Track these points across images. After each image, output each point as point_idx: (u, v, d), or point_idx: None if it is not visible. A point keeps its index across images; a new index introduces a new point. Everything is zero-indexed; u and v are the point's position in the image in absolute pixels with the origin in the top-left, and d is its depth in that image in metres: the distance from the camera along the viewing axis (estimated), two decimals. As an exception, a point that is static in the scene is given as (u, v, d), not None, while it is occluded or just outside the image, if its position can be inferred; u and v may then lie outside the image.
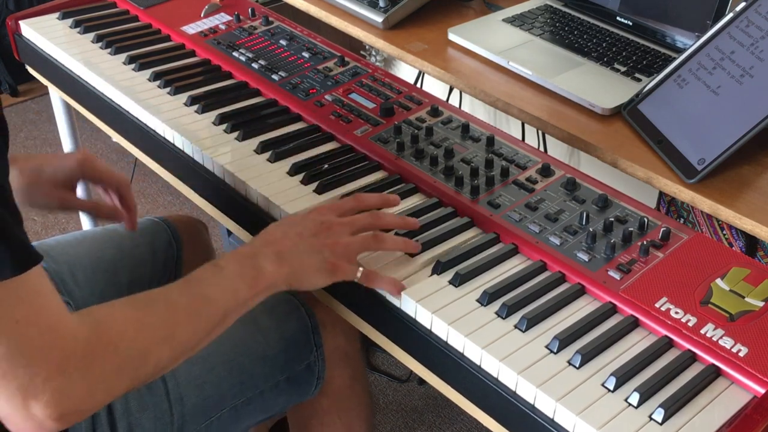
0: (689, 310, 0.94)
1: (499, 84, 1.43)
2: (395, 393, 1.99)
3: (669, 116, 1.26)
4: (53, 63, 1.55)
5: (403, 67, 2.35)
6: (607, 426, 0.83)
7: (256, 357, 1.13)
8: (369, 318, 1.06)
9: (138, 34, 1.60)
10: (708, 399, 0.87)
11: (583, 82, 1.38)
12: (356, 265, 0.99)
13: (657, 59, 1.43)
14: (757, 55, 1.20)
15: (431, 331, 0.96)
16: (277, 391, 1.15)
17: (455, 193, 1.13)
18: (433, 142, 1.23)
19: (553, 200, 1.12)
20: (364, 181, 1.19)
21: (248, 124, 1.31)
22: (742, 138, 1.15)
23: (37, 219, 2.57)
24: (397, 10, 1.58)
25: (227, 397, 1.10)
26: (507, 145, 1.23)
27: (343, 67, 1.45)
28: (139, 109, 1.36)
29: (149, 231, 1.36)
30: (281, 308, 1.18)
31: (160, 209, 2.61)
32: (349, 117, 1.30)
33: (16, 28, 1.65)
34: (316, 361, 1.18)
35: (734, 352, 0.89)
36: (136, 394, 1.03)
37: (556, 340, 0.91)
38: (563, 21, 1.57)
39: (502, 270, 1.03)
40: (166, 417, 1.04)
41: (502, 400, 0.90)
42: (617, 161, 1.23)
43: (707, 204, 1.14)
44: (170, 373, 1.05)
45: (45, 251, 1.24)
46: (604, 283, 0.99)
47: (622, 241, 1.04)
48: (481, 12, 1.67)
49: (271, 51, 1.50)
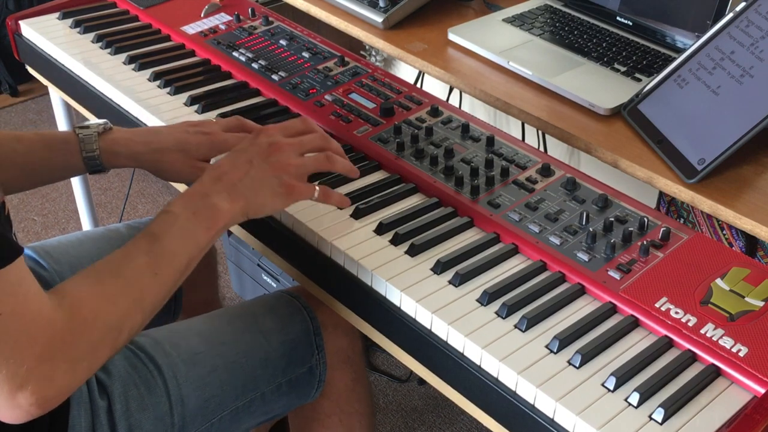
0: (689, 310, 0.94)
1: (499, 84, 1.43)
2: (395, 393, 1.99)
3: (669, 116, 1.26)
4: (53, 63, 1.55)
5: (403, 67, 2.36)
6: (607, 426, 0.83)
7: (257, 359, 1.12)
8: (369, 318, 1.06)
9: (138, 34, 1.60)
10: (708, 399, 0.87)
11: (583, 82, 1.38)
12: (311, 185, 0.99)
13: (657, 59, 1.43)
14: (757, 55, 1.20)
15: (431, 331, 0.96)
16: (279, 393, 1.15)
17: (455, 193, 1.13)
18: (433, 142, 1.23)
19: (553, 200, 1.12)
20: (364, 181, 1.19)
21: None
22: (742, 138, 1.15)
23: (37, 219, 2.57)
24: (397, 10, 1.58)
25: (228, 398, 1.10)
26: (507, 145, 1.23)
27: (343, 67, 1.45)
28: (139, 109, 1.36)
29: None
30: (283, 311, 1.17)
31: (160, 209, 2.61)
32: (349, 117, 1.30)
33: (16, 28, 1.65)
34: (318, 364, 1.17)
35: (734, 352, 0.89)
36: (136, 394, 1.03)
37: (556, 340, 0.91)
38: (563, 21, 1.57)
39: (502, 270, 1.03)
40: (166, 418, 1.04)
41: (502, 400, 0.90)
42: (617, 161, 1.24)
43: (707, 204, 1.14)
44: (171, 374, 1.05)
45: (46, 251, 1.24)
46: (604, 283, 0.99)
47: (622, 241, 1.04)
48: (481, 12, 1.67)
49: (271, 51, 1.50)
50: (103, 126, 1.15)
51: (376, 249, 1.05)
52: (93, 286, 0.85)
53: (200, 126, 1.16)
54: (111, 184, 2.71)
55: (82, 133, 1.13)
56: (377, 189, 1.16)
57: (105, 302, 0.84)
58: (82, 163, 1.14)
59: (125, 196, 2.37)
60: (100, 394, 1.01)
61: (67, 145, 1.14)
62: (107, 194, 2.66)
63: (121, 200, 2.60)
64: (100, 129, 1.14)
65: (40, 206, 2.62)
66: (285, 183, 0.98)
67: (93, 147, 1.13)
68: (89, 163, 1.14)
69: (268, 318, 1.16)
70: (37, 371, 0.77)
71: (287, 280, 1.91)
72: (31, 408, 0.78)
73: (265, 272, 1.99)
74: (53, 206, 2.62)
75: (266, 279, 2.00)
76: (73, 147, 1.13)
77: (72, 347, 0.80)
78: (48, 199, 2.65)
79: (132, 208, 2.61)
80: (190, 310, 1.33)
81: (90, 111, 1.52)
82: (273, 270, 1.96)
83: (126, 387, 1.02)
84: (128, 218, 2.47)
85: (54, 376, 0.78)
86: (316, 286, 1.13)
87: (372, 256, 1.04)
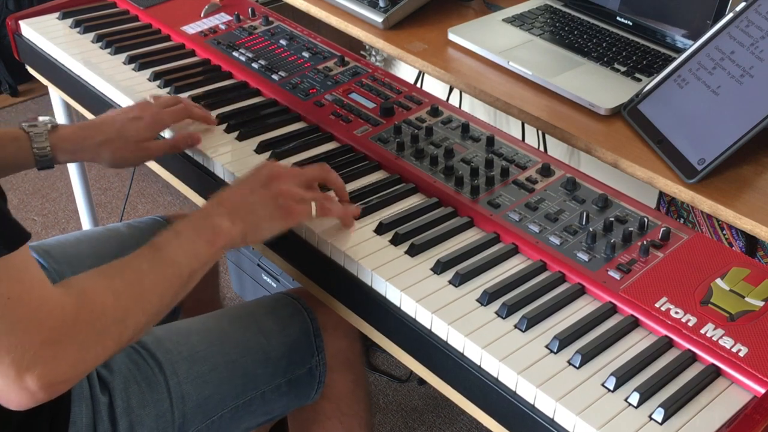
0: (689, 310, 0.94)
1: (499, 84, 1.43)
2: (395, 393, 1.99)
3: (669, 116, 1.26)
4: (53, 63, 1.55)
5: (403, 67, 2.36)
6: (607, 426, 0.83)
7: (258, 358, 1.13)
8: (369, 318, 1.06)
9: (138, 34, 1.60)
10: (708, 399, 0.87)
11: (583, 82, 1.38)
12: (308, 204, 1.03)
13: (657, 59, 1.43)
14: (757, 55, 1.20)
15: (431, 331, 0.96)
16: (279, 393, 1.15)
17: (455, 193, 1.13)
18: (433, 142, 1.23)
19: (553, 200, 1.12)
20: (364, 181, 1.19)
21: (248, 124, 1.31)
22: (742, 138, 1.15)
23: (37, 219, 2.57)
24: (397, 10, 1.58)
25: (228, 397, 1.10)
26: (507, 145, 1.23)
27: (343, 67, 1.45)
28: (139, 109, 1.36)
29: (151, 230, 1.36)
30: (283, 312, 1.18)
31: (161, 209, 2.61)
32: (349, 117, 1.30)
33: (16, 28, 1.65)
34: (318, 365, 1.18)
35: (734, 351, 0.89)
36: (137, 390, 1.03)
37: (556, 340, 0.91)
38: (563, 21, 1.57)
39: (502, 270, 1.03)
40: (167, 415, 1.04)
41: (502, 400, 0.90)
42: (617, 161, 1.24)
43: (707, 204, 1.14)
44: (172, 370, 1.06)
45: (46, 251, 1.24)
46: (604, 283, 0.99)
47: (622, 241, 1.04)
48: (481, 12, 1.67)
49: (271, 51, 1.50)
50: (50, 123, 1.19)
51: (376, 249, 1.05)
52: (99, 280, 0.87)
53: (137, 109, 1.24)
54: (111, 184, 2.71)
55: (33, 130, 1.17)
56: (377, 189, 1.16)
57: (111, 296, 0.85)
58: (32, 159, 1.18)
59: (125, 196, 2.36)
60: (102, 390, 1.01)
61: (18, 143, 1.17)
62: (107, 194, 2.66)
63: (121, 200, 2.60)
64: (49, 126, 1.19)
65: (40, 206, 2.62)
66: (282, 206, 1.01)
67: (44, 144, 1.17)
68: (40, 160, 1.19)
69: (268, 318, 1.16)
70: (44, 355, 0.78)
71: (287, 280, 1.91)
72: (39, 391, 0.78)
73: (265, 272, 1.99)
74: (53, 206, 2.62)
75: (266, 279, 2.00)
76: (24, 144, 1.17)
77: (79, 333, 0.81)
78: (48, 199, 2.65)
79: (132, 208, 2.61)
80: (191, 310, 1.33)
81: (90, 111, 1.53)
82: (273, 270, 1.96)
83: (127, 383, 1.03)
84: (128, 218, 2.47)
85: (61, 360, 0.79)
86: (316, 286, 1.13)
87: (372, 256, 1.04)
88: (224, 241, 0.97)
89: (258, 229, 1.00)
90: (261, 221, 1.00)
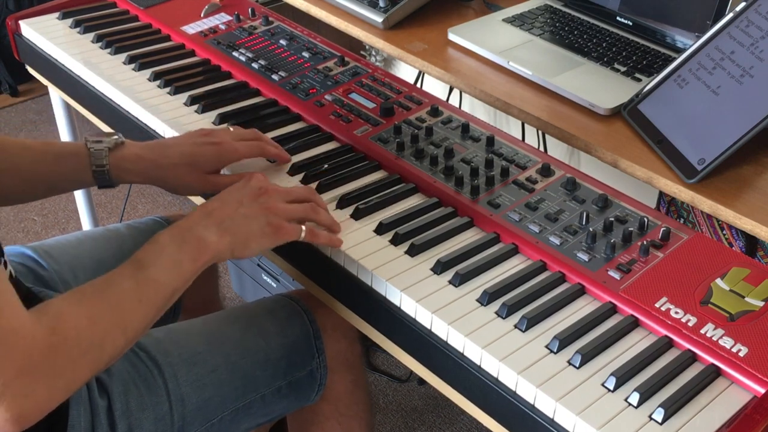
0: (689, 310, 0.94)
1: (499, 84, 1.43)
2: (395, 393, 1.99)
3: (669, 116, 1.26)
4: (53, 63, 1.55)
5: (403, 67, 2.36)
6: (607, 426, 0.83)
7: (257, 361, 1.12)
8: (369, 318, 1.06)
9: (138, 34, 1.60)
10: (708, 399, 0.87)
11: (583, 82, 1.38)
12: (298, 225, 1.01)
13: (657, 59, 1.43)
14: (757, 55, 1.20)
15: (431, 331, 0.96)
16: (279, 395, 1.15)
17: (455, 193, 1.13)
18: (433, 142, 1.23)
19: (553, 200, 1.12)
20: (364, 181, 1.19)
21: (248, 124, 1.31)
22: (742, 138, 1.15)
23: (37, 219, 2.57)
24: (397, 10, 1.58)
25: (228, 399, 1.10)
26: (507, 145, 1.23)
27: (343, 67, 1.45)
28: (139, 109, 1.36)
29: (151, 230, 1.36)
30: (283, 314, 1.17)
31: (161, 209, 2.61)
32: (349, 117, 1.30)
33: (16, 28, 1.65)
34: (318, 367, 1.17)
35: (734, 351, 0.89)
36: (136, 393, 1.03)
37: (556, 340, 0.91)
38: (563, 21, 1.57)
39: (502, 270, 1.03)
40: (166, 418, 1.04)
41: (502, 400, 0.90)
42: (617, 161, 1.24)
43: (707, 204, 1.14)
44: (171, 373, 1.05)
45: (45, 251, 1.24)
46: (604, 283, 0.99)
47: (622, 241, 1.04)
48: (481, 12, 1.67)
49: (271, 51, 1.50)
50: (114, 141, 1.13)
51: (376, 249, 1.05)
52: (75, 306, 0.84)
53: (211, 135, 1.15)
54: (111, 184, 2.71)
55: (94, 147, 1.12)
56: (377, 189, 1.16)
57: (87, 321, 0.83)
58: (91, 177, 1.13)
59: (125, 196, 2.36)
60: (100, 393, 1.01)
61: (77, 158, 1.12)
62: (107, 194, 2.66)
63: (121, 200, 2.60)
64: (112, 144, 1.13)
65: (40, 206, 2.62)
66: (272, 223, 0.99)
67: (103, 162, 1.12)
68: (98, 178, 1.13)
69: (267, 320, 1.16)
70: (13, 386, 0.74)
71: (287, 280, 1.91)
72: (6, 424, 0.75)
73: (265, 272, 1.99)
74: (53, 206, 2.62)
75: (266, 279, 2.00)
76: (83, 160, 1.11)
77: (51, 363, 0.78)
78: (48, 199, 2.65)
79: (132, 208, 2.61)
80: (191, 311, 1.33)
81: (90, 111, 1.53)
82: (273, 270, 1.96)
83: (126, 386, 1.02)
84: (128, 218, 2.47)
85: (31, 391, 0.76)
86: (316, 286, 1.13)
87: (372, 256, 1.04)
88: (209, 255, 0.94)
89: (247, 243, 0.98)
90: (250, 236, 0.98)
